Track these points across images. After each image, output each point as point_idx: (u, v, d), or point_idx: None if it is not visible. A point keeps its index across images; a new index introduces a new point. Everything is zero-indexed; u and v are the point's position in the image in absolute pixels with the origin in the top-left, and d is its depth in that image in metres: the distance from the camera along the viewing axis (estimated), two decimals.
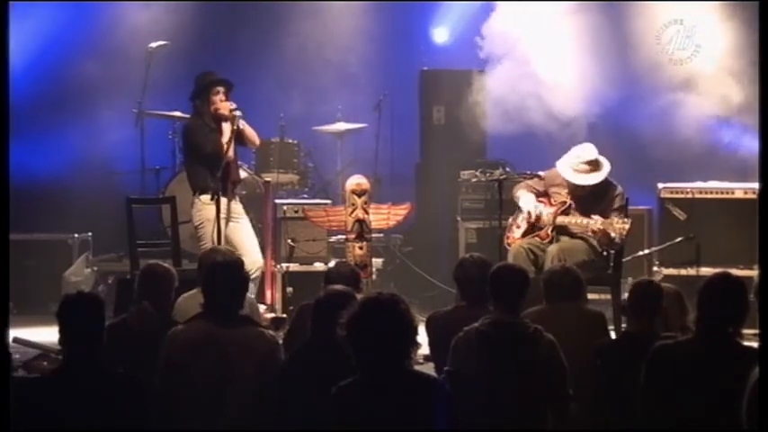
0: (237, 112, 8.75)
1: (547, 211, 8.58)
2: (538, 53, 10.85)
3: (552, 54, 10.93)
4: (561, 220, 8.52)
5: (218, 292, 5.64)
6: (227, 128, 8.77)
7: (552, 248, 8.33)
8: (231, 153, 8.83)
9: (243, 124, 8.86)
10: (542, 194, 8.71)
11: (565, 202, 8.58)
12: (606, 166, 8.60)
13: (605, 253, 8.51)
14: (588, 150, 8.63)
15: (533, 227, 8.58)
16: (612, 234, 8.25)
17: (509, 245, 8.59)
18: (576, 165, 8.58)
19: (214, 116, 8.84)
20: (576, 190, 8.60)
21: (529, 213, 8.57)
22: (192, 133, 8.92)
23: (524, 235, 8.60)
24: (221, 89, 8.87)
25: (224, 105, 8.81)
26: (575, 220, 8.47)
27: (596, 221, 8.29)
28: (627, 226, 8.23)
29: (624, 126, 11.13)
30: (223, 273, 5.73)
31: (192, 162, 8.96)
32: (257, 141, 9.29)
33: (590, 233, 8.37)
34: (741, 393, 3.90)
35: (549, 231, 8.52)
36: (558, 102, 10.93)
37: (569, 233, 8.51)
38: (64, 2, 11.82)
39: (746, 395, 3.78)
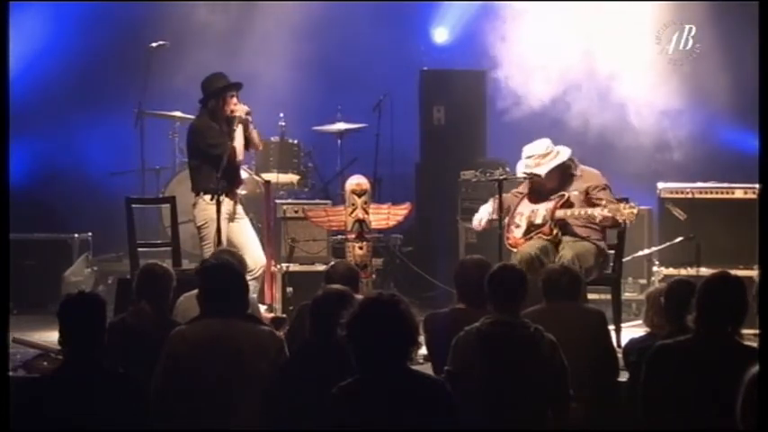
0: (250, 117, 8.83)
1: (545, 207, 8.48)
2: (539, 49, 10.88)
3: (552, 51, 10.95)
4: (562, 213, 8.43)
5: (218, 293, 5.64)
6: (239, 131, 8.80)
7: (566, 253, 8.16)
8: (242, 156, 8.88)
9: (252, 128, 8.92)
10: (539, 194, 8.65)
11: (563, 196, 8.47)
12: (557, 156, 8.48)
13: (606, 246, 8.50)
14: (535, 146, 8.54)
15: (532, 225, 8.50)
16: (620, 219, 8.20)
17: (510, 245, 8.51)
18: (526, 161, 8.53)
19: (227, 118, 8.85)
20: (533, 186, 8.55)
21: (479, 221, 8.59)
22: (205, 135, 8.87)
23: (526, 234, 8.49)
24: (235, 91, 8.91)
25: (240, 108, 8.82)
26: (577, 212, 8.38)
27: (603, 208, 8.21)
28: (635, 211, 8.16)
29: (624, 125, 11.14)
30: (222, 273, 5.75)
31: (198, 162, 8.94)
32: (260, 146, 9.36)
33: (598, 221, 8.26)
34: (739, 392, 3.90)
35: (552, 226, 8.41)
36: (557, 101, 10.95)
37: (572, 232, 8.43)
38: (63, 2, 11.82)
39: (741, 395, 3.78)
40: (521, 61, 10.96)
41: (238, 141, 8.80)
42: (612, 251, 8.60)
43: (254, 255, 8.81)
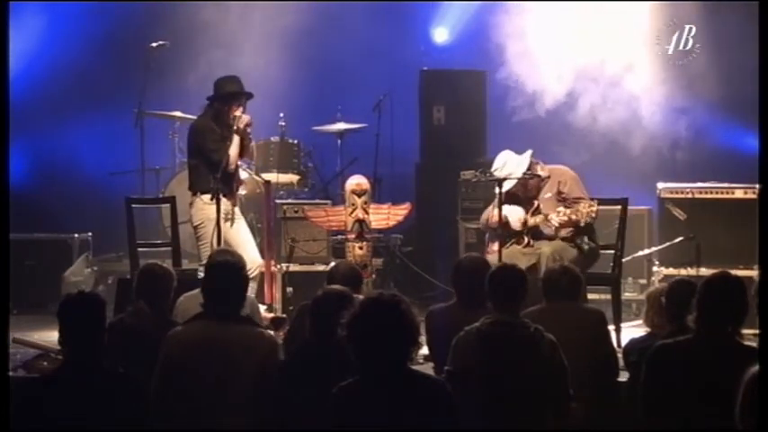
0: (250, 129, 8.84)
1: (517, 218, 8.62)
2: (539, 49, 10.89)
3: (551, 51, 10.96)
4: (533, 221, 8.55)
5: (219, 293, 5.64)
6: (236, 141, 8.81)
7: (545, 249, 8.34)
8: (234, 165, 8.87)
9: (249, 139, 8.94)
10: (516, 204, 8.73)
11: (533, 204, 8.60)
12: (521, 160, 8.61)
13: (591, 245, 8.53)
14: (498, 161, 8.73)
15: (508, 236, 8.58)
16: (581, 220, 8.29)
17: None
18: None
19: (228, 125, 8.86)
20: (507, 198, 8.64)
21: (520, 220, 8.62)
22: (204, 137, 8.89)
23: (500, 247, 8.55)
24: (244, 101, 8.92)
25: (243, 119, 8.83)
26: (539, 219, 8.51)
27: (560, 213, 8.32)
28: (595, 208, 8.26)
29: (625, 126, 11.14)
30: (224, 273, 5.74)
31: (196, 162, 8.96)
32: (254, 155, 9.48)
33: (556, 224, 8.36)
34: (739, 392, 3.90)
35: (525, 235, 8.55)
36: (557, 101, 10.95)
37: (545, 236, 8.53)
38: (63, 1, 11.82)
39: (740, 394, 3.78)
40: (521, 61, 10.96)
41: (233, 150, 8.81)
42: (612, 251, 8.64)
43: (250, 255, 8.80)
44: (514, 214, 8.58)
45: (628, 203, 8.81)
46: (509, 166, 8.63)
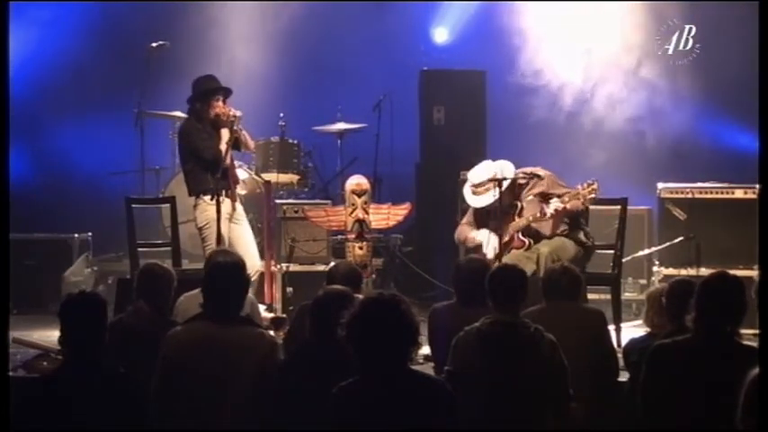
0: (239, 113, 8.80)
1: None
2: (539, 50, 10.91)
3: (551, 51, 10.97)
4: (525, 221, 8.50)
5: (218, 293, 5.64)
6: (225, 133, 8.79)
7: (543, 250, 8.31)
8: (228, 158, 8.85)
9: (241, 129, 8.90)
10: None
11: (516, 206, 8.58)
12: (505, 169, 8.58)
13: (589, 241, 8.52)
14: (480, 172, 8.66)
15: (503, 244, 8.56)
16: (581, 204, 8.27)
17: None
18: (474, 189, 8.66)
19: (212, 121, 8.85)
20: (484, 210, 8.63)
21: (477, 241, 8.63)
22: (191, 138, 8.90)
23: (499, 255, 8.52)
24: (221, 95, 8.89)
25: (225, 111, 8.81)
26: (531, 217, 8.45)
27: (553, 204, 8.29)
28: (595, 186, 8.23)
29: (625, 125, 11.15)
30: (224, 274, 5.73)
31: (191, 165, 8.95)
32: (252, 146, 9.36)
33: (549, 216, 8.33)
34: (740, 392, 3.90)
35: (521, 237, 8.52)
36: (557, 100, 10.97)
37: (542, 235, 8.50)
38: (64, 2, 11.83)
39: (742, 395, 3.79)
40: (521, 61, 10.97)
41: (223, 145, 8.79)
42: (612, 251, 8.64)
43: (252, 259, 8.79)
44: (490, 244, 8.55)
45: (627, 203, 8.81)
46: (479, 189, 8.61)
